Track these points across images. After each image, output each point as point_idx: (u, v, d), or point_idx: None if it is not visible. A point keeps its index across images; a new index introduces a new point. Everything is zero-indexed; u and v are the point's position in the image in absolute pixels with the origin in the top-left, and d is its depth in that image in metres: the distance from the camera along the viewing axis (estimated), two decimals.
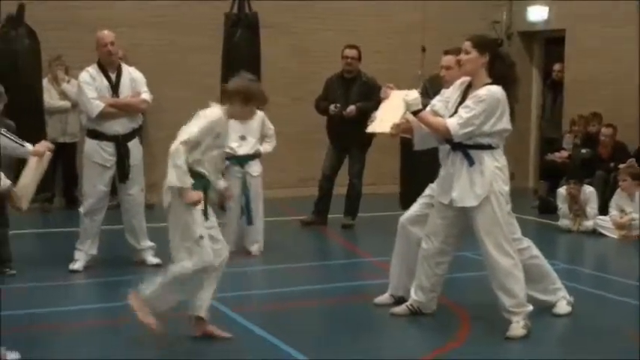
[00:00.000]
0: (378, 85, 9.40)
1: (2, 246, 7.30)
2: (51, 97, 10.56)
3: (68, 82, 10.70)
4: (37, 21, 8.33)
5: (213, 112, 5.32)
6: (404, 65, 12.09)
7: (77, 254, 7.49)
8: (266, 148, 8.35)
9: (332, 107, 9.60)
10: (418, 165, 7.87)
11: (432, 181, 6.09)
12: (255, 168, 8.26)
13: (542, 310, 6.01)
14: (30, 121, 7.60)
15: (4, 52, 7.75)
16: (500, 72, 5.56)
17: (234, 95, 5.34)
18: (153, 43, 11.43)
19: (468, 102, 5.51)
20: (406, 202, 8.86)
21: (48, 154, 5.21)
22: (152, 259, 7.64)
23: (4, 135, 4.79)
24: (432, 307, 6.05)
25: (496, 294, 5.65)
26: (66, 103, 10.67)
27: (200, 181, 5.26)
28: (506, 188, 5.63)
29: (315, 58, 12.05)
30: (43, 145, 5.20)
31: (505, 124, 5.54)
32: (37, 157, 5.17)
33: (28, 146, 4.95)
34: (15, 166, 6.57)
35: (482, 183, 5.53)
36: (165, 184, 5.22)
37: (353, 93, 9.61)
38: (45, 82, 10.63)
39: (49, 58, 10.48)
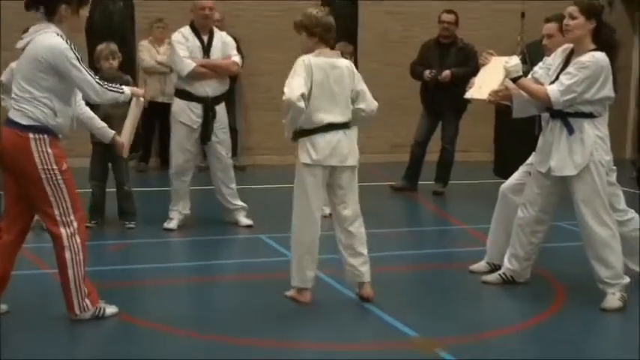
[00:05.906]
0: (475, 51, 9.29)
1: (127, 199, 7.58)
2: (152, 57, 10.74)
3: (169, 43, 10.86)
4: None
5: None
6: (502, 31, 11.86)
7: (171, 213, 7.64)
8: None
9: (427, 72, 9.49)
10: (514, 133, 7.76)
11: (529, 150, 5.98)
12: None
13: None
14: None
15: (101, 13, 8.01)
16: (606, 38, 5.41)
17: None
18: (251, 9, 11.49)
19: (570, 68, 5.38)
20: (500, 170, 8.80)
21: (142, 100, 5.35)
22: (244, 220, 7.74)
23: (108, 89, 4.92)
24: (526, 276, 5.97)
25: (592, 265, 5.54)
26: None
27: None
28: (608, 158, 5.49)
29: (411, 22, 11.93)
30: (138, 90, 5.37)
31: (608, 91, 5.39)
32: (134, 100, 5.30)
33: (127, 89, 5.10)
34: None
35: (582, 152, 5.40)
36: None
37: (449, 58, 9.49)
38: (147, 42, 10.83)
39: (150, 21, 10.66)
